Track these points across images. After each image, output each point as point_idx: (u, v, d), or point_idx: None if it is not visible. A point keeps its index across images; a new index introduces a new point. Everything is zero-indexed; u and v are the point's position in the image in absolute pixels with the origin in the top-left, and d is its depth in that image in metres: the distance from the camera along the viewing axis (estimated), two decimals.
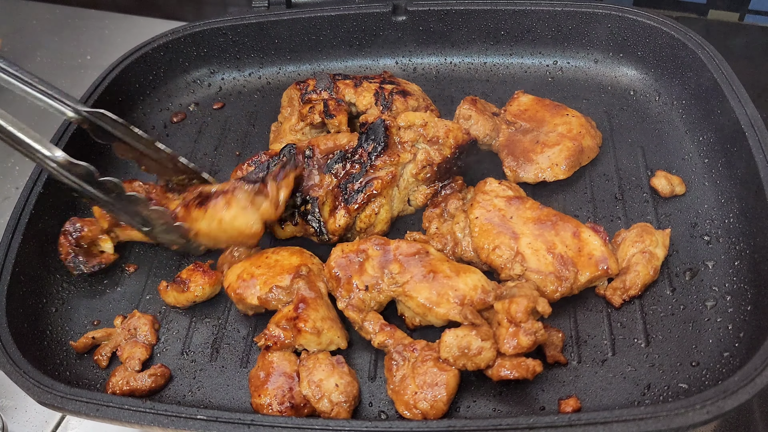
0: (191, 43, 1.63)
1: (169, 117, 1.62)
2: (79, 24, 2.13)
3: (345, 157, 1.28)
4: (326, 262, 1.18)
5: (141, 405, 1.03)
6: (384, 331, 1.11)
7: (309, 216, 1.25)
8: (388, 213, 1.28)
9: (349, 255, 1.16)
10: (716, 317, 1.14)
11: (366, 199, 1.25)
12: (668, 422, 0.91)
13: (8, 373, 1.08)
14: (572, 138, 1.36)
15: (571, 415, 0.95)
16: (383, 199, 1.27)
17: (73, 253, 1.28)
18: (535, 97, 1.46)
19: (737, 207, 1.25)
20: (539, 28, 1.57)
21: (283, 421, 0.99)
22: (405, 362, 1.07)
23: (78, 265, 1.28)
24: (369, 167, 1.26)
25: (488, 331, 1.05)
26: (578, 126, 1.38)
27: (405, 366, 1.07)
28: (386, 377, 1.09)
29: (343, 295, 1.15)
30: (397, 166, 1.27)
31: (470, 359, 1.04)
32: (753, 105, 1.27)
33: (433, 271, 1.13)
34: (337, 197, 1.26)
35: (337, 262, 1.16)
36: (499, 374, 1.04)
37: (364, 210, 1.26)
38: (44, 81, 1.19)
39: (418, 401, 1.03)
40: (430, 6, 1.58)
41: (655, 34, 1.48)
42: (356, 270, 1.15)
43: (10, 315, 1.16)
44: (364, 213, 1.26)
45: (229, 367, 1.19)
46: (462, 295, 1.10)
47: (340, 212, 1.25)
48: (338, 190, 1.26)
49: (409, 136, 1.27)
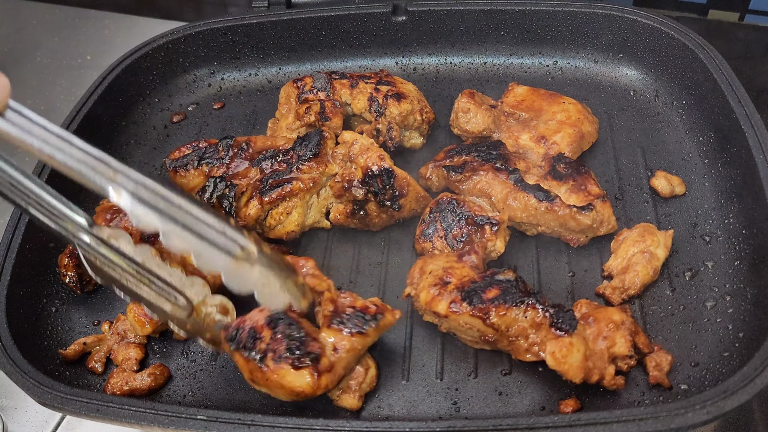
0: (191, 43, 1.63)
1: (169, 117, 1.62)
2: (79, 24, 2.12)
3: (276, 155, 1.31)
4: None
5: (141, 405, 1.03)
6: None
7: (224, 200, 1.28)
8: (300, 217, 1.30)
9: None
10: (716, 317, 1.14)
11: (281, 196, 1.27)
12: (668, 422, 0.91)
13: (8, 373, 1.08)
14: (572, 124, 1.37)
15: (571, 415, 0.95)
16: (299, 201, 1.29)
17: (76, 275, 1.26)
18: (529, 87, 1.47)
19: (737, 207, 1.25)
20: (539, 28, 1.58)
21: (283, 421, 0.99)
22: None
23: (84, 285, 1.27)
24: (295, 168, 1.29)
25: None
26: (576, 112, 1.40)
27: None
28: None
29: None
30: (321, 175, 1.30)
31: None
32: (753, 105, 1.27)
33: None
34: (255, 189, 1.29)
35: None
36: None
37: (277, 207, 1.29)
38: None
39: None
40: (430, 6, 1.58)
41: (655, 34, 1.48)
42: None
43: (10, 315, 1.16)
44: (276, 209, 1.29)
45: (229, 367, 1.18)
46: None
47: (253, 202, 1.28)
48: (259, 184, 1.29)
49: (342, 151, 1.31)
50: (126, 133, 1.56)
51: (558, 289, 1.22)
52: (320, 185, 1.32)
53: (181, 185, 1.35)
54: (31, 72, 1.96)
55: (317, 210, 1.34)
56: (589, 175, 1.28)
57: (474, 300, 1.06)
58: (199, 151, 1.36)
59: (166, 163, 1.37)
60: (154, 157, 1.54)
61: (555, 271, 1.25)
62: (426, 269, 1.15)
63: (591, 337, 1.06)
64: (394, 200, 1.28)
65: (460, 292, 1.07)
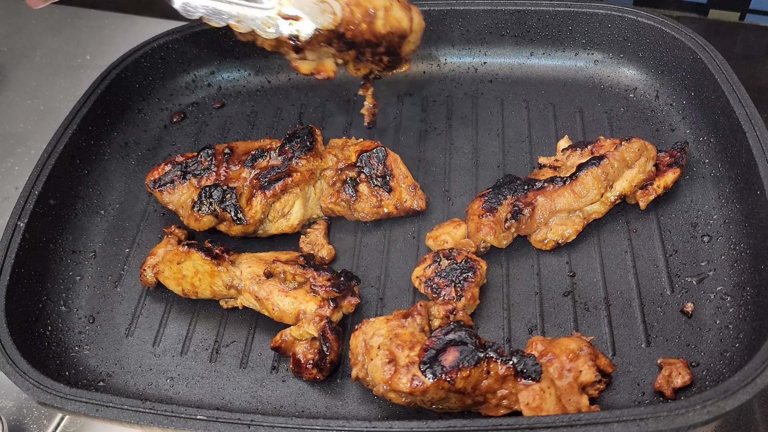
0: (191, 43, 1.63)
1: (169, 117, 1.62)
2: (79, 24, 2.12)
3: (267, 153, 1.33)
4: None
5: (141, 405, 1.03)
6: None
7: (226, 203, 1.28)
8: (302, 208, 1.31)
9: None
10: (716, 317, 1.14)
11: (283, 188, 1.28)
12: (668, 422, 0.91)
13: (8, 373, 1.08)
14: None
15: (572, 415, 0.95)
16: (300, 193, 1.31)
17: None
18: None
19: (737, 207, 1.25)
20: (539, 28, 1.57)
21: (283, 421, 0.98)
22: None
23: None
24: (292, 163, 1.31)
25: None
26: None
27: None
28: None
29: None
30: (317, 168, 1.32)
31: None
32: (753, 105, 1.26)
33: None
34: (255, 187, 1.29)
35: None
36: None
37: (279, 199, 1.29)
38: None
39: None
40: (430, 6, 1.58)
41: (656, 34, 1.48)
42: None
43: (10, 315, 1.16)
44: (279, 202, 1.30)
45: (228, 367, 1.19)
46: None
47: (257, 198, 1.28)
48: (256, 182, 1.30)
49: (338, 143, 1.37)
50: (126, 133, 1.56)
51: (558, 289, 1.22)
52: (317, 178, 1.33)
53: (169, 203, 1.35)
54: (31, 72, 1.96)
55: (315, 202, 1.35)
56: (597, 139, 1.33)
57: (436, 369, 0.99)
58: (179, 165, 1.35)
59: (147, 185, 1.36)
60: (154, 158, 1.54)
61: (555, 271, 1.25)
62: (371, 343, 1.07)
63: (556, 374, 1.04)
64: (384, 181, 1.32)
65: (417, 365, 1.00)
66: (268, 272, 1.19)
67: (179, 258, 1.22)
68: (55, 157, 1.36)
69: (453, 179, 1.42)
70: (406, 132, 1.52)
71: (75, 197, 1.41)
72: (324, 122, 1.57)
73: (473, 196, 1.36)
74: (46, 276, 1.29)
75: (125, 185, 1.48)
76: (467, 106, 1.55)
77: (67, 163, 1.40)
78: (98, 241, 1.39)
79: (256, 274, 1.20)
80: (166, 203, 1.35)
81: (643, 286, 1.21)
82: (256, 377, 1.17)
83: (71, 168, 1.41)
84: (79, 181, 1.43)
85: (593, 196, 1.25)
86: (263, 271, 1.20)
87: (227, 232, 1.32)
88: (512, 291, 1.23)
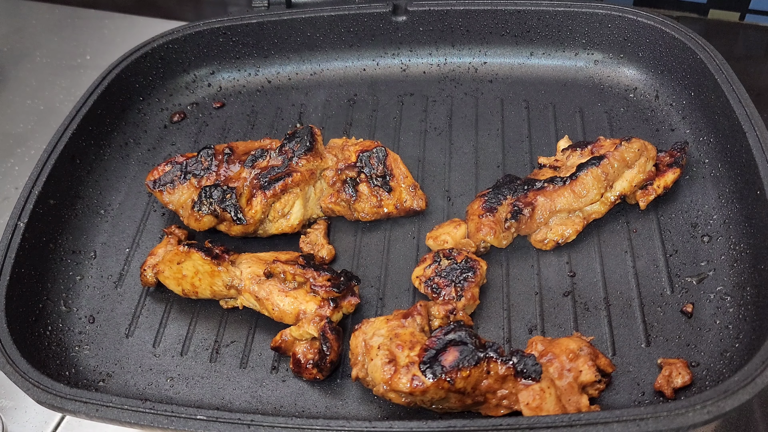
0: (191, 43, 1.63)
1: (169, 117, 1.62)
2: (79, 24, 2.12)
3: (267, 153, 1.33)
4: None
5: (141, 405, 1.03)
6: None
7: (226, 203, 1.28)
8: (302, 208, 1.31)
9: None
10: (716, 317, 1.14)
11: (283, 188, 1.28)
12: (668, 422, 0.91)
13: (8, 373, 1.08)
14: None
15: (572, 415, 0.95)
16: (300, 192, 1.30)
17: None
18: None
19: (737, 207, 1.25)
20: (539, 28, 1.57)
21: (283, 421, 0.98)
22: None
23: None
24: (292, 163, 1.31)
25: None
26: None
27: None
28: None
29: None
30: (317, 168, 1.32)
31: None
32: (753, 105, 1.26)
33: None
34: (255, 187, 1.29)
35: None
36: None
37: (279, 199, 1.29)
38: None
39: None
40: (430, 6, 1.58)
41: (656, 34, 1.48)
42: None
43: (10, 315, 1.16)
44: (279, 202, 1.30)
45: (228, 367, 1.19)
46: None
47: (257, 198, 1.28)
48: (256, 182, 1.30)
49: (338, 143, 1.37)
50: (126, 132, 1.56)
51: (558, 289, 1.22)
52: (317, 178, 1.33)
53: (169, 203, 1.35)
54: (31, 72, 1.96)
55: (315, 202, 1.35)
56: (597, 139, 1.33)
57: (436, 369, 0.99)
58: (179, 165, 1.35)
59: (147, 185, 1.36)
60: (154, 157, 1.54)
61: (555, 271, 1.25)
62: (371, 343, 1.07)
63: (555, 374, 1.04)
64: (384, 181, 1.31)
65: (417, 365, 1.00)
66: (268, 272, 1.19)
67: (179, 258, 1.22)
68: (55, 157, 1.37)
69: (453, 179, 1.42)
70: (406, 132, 1.52)
71: (75, 197, 1.41)
72: (324, 122, 1.57)
73: (473, 196, 1.36)
74: (46, 276, 1.29)
75: (125, 185, 1.48)
76: (467, 106, 1.55)
77: (67, 163, 1.40)
78: (98, 241, 1.39)
79: (256, 274, 1.20)
80: (166, 203, 1.35)
81: (643, 286, 1.21)
82: (256, 377, 1.17)
83: (71, 168, 1.41)
84: (79, 181, 1.43)
85: (593, 196, 1.26)
86: (263, 271, 1.20)
87: (227, 232, 1.32)
88: (512, 291, 1.23)
